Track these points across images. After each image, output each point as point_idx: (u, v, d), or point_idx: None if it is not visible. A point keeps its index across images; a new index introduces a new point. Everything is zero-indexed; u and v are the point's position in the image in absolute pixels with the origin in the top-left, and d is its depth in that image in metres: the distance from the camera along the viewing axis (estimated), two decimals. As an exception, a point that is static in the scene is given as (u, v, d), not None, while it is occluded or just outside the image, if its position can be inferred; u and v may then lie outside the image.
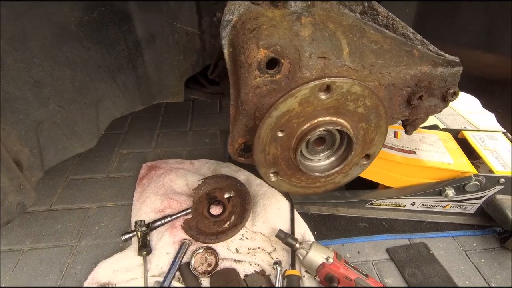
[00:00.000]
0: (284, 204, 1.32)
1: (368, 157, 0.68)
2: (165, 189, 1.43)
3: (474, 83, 1.12)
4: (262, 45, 0.57)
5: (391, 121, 0.72)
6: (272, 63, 0.61)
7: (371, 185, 1.41)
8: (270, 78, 0.61)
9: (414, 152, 1.33)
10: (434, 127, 1.58)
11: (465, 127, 1.94)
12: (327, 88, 0.57)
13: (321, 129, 0.56)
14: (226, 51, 0.68)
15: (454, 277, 1.19)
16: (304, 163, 0.63)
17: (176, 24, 1.03)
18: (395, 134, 1.39)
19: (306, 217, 1.39)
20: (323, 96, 0.57)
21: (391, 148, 1.32)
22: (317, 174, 0.61)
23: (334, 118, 0.57)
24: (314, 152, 0.62)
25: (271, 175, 0.68)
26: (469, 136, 1.45)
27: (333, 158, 0.62)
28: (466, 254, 1.28)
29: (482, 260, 1.26)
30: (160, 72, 1.12)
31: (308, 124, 0.57)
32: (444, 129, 1.55)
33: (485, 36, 0.89)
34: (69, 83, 0.90)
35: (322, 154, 0.63)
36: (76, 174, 1.66)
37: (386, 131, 0.61)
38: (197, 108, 2.27)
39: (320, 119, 0.57)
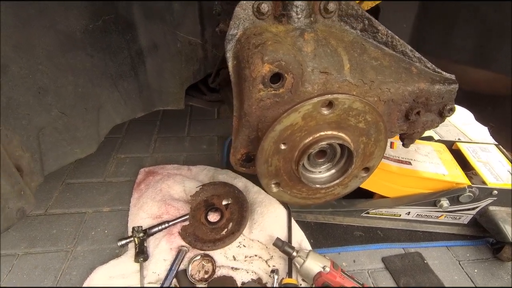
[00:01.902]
0: (282, 212, 1.33)
1: (367, 169, 0.70)
2: (163, 195, 1.43)
3: (467, 97, 1.16)
4: (267, 60, 0.59)
5: (390, 135, 0.74)
6: (276, 77, 0.62)
7: (367, 195, 1.43)
8: (273, 92, 0.63)
9: (409, 163, 1.36)
10: (429, 138, 1.61)
11: (459, 139, 1.98)
12: (330, 104, 0.59)
13: (323, 143, 0.57)
14: (230, 64, 0.69)
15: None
16: (305, 175, 0.64)
17: (179, 33, 1.04)
18: (392, 145, 1.42)
19: (303, 225, 1.40)
20: (325, 111, 0.59)
21: (387, 158, 1.34)
22: (317, 186, 0.63)
23: (335, 133, 0.59)
24: (315, 164, 0.64)
25: (273, 186, 0.69)
26: (463, 148, 1.49)
27: (333, 171, 0.64)
28: (460, 264, 1.30)
29: (476, 270, 1.28)
30: (161, 80, 1.13)
31: (311, 138, 0.58)
32: (439, 141, 1.58)
33: (477, 54, 0.92)
34: (72, 89, 0.91)
35: (323, 167, 0.65)
36: (73, 178, 1.66)
37: (385, 145, 0.63)
38: (195, 114, 2.28)
39: (322, 133, 0.58)
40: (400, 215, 1.40)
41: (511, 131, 1.03)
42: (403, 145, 0.80)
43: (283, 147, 0.61)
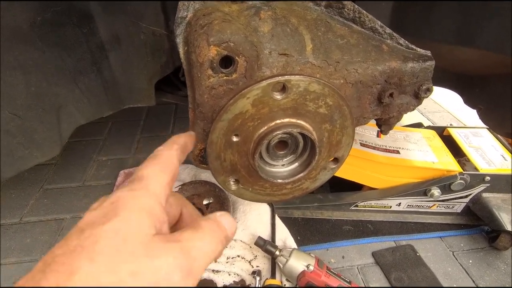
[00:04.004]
0: (265, 209, 1.27)
1: (336, 160, 0.63)
2: (142, 197, 1.36)
3: (455, 80, 1.09)
4: (212, 42, 0.52)
5: (363, 121, 0.67)
6: (227, 62, 0.56)
7: (356, 187, 1.37)
8: (225, 77, 0.56)
9: (397, 152, 1.29)
10: (418, 125, 1.54)
11: (451, 124, 1.91)
12: (283, 88, 0.52)
13: (279, 132, 0.51)
14: (181, 50, 0.63)
15: (441, 279, 1.15)
16: (264, 169, 0.58)
17: (141, 24, 0.97)
18: (378, 134, 1.35)
19: (290, 221, 1.34)
20: (278, 96, 0.52)
21: (374, 148, 1.28)
22: (279, 180, 0.56)
23: (293, 120, 0.52)
24: (277, 157, 0.57)
25: (231, 183, 0.63)
26: (454, 133, 1.42)
27: (296, 164, 0.57)
28: (454, 255, 1.25)
29: (470, 261, 1.23)
30: (128, 75, 1.06)
31: (265, 127, 0.52)
32: (429, 127, 1.51)
33: (461, 31, 0.86)
34: (23, 88, 0.84)
35: (286, 159, 0.58)
36: (51, 184, 1.59)
37: (353, 132, 0.57)
38: (180, 112, 2.21)
39: (278, 121, 0.52)
40: (390, 206, 1.34)
41: (500, 113, 0.97)
42: (382, 132, 0.73)
43: (235, 139, 0.54)
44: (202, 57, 0.53)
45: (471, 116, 2.08)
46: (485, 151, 1.29)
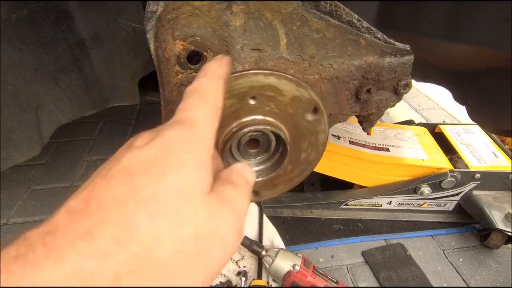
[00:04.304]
0: (253, 208, 1.26)
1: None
2: (129, 197, 1.35)
3: (444, 75, 1.07)
4: (177, 36, 0.50)
5: (341, 118, 0.65)
6: (196, 57, 0.54)
7: (347, 185, 1.35)
8: (194, 74, 0.54)
9: (387, 149, 1.27)
10: (410, 122, 1.52)
11: (443, 121, 1.89)
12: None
13: (247, 129, 0.49)
14: (152, 46, 0.60)
15: (431, 278, 1.13)
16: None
17: (121, 20, 0.95)
18: (369, 132, 1.33)
19: (279, 221, 1.32)
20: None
21: (363, 146, 1.26)
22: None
23: (262, 117, 0.50)
24: (248, 155, 0.56)
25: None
26: (446, 130, 1.40)
27: (269, 163, 0.56)
28: (444, 254, 1.23)
29: (461, 260, 1.21)
30: (110, 73, 1.04)
31: (235, 124, 0.50)
32: (420, 124, 1.49)
33: (449, 25, 0.83)
34: (-2, 87, 0.82)
35: (257, 158, 0.56)
36: (40, 184, 1.58)
37: (327, 131, 0.55)
38: (172, 111, 2.19)
39: (248, 118, 0.50)
40: (381, 205, 1.32)
41: (489, 109, 0.95)
42: (363, 129, 0.72)
43: None
44: (168, 52, 0.51)
45: (465, 112, 2.06)
46: (476, 148, 1.27)
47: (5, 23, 0.79)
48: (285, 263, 1.00)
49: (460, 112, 2.11)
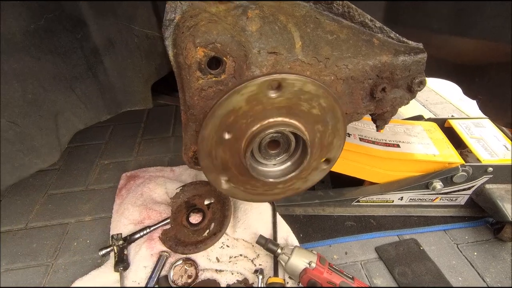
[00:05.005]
0: (266, 207, 1.27)
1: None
2: (144, 199, 1.37)
3: (453, 70, 1.08)
4: (199, 43, 0.52)
5: (356, 117, 0.66)
6: (215, 62, 0.56)
7: (357, 182, 1.36)
8: (214, 78, 0.56)
9: (398, 145, 1.28)
10: (419, 118, 1.52)
11: (452, 116, 1.89)
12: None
13: (271, 130, 0.51)
14: (170, 53, 0.63)
15: (445, 273, 1.14)
16: (256, 168, 0.58)
17: (134, 27, 0.97)
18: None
19: (292, 219, 1.34)
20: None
21: (374, 142, 1.27)
22: (271, 180, 0.56)
23: (286, 119, 0.52)
24: (269, 156, 0.57)
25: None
26: (455, 125, 1.40)
27: (288, 163, 0.57)
28: (458, 248, 1.23)
29: (475, 253, 1.21)
30: (123, 79, 1.06)
31: (258, 125, 0.52)
32: (429, 119, 1.50)
33: (456, 20, 0.84)
34: (20, 96, 0.85)
35: (278, 158, 0.58)
36: (55, 189, 1.61)
37: (345, 134, 0.56)
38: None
39: (271, 119, 0.52)
40: (392, 201, 1.33)
41: (500, 102, 0.95)
42: (377, 127, 0.73)
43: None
44: (189, 59, 0.53)
45: (473, 106, 2.05)
46: (487, 141, 1.27)
47: (25, 34, 0.82)
48: (301, 260, 1.02)
49: (468, 106, 2.10)
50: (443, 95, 2.27)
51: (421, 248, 1.23)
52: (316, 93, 0.53)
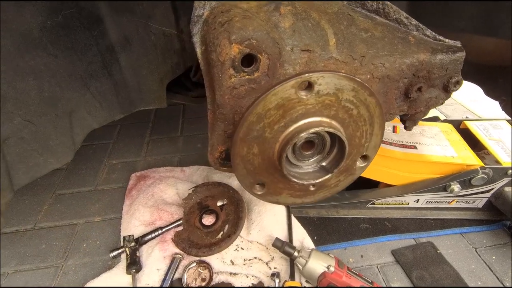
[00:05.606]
0: (281, 209, 1.25)
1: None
2: (155, 200, 1.35)
3: (476, 70, 1.05)
4: (234, 40, 0.50)
5: (388, 118, 0.64)
6: (248, 60, 0.53)
7: (372, 184, 1.34)
8: (247, 77, 0.54)
9: (414, 147, 1.26)
10: (435, 119, 1.50)
11: (466, 117, 1.87)
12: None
13: (306, 132, 0.48)
14: (198, 50, 0.60)
15: (464, 277, 1.12)
16: (291, 171, 0.56)
17: (151, 25, 0.95)
18: (394, 129, 1.32)
19: (305, 221, 1.31)
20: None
21: (390, 144, 1.25)
22: (305, 181, 0.54)
23: (321, 119, 0.49)
24: (303, 157, 0.55)
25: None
26: (472, 126, 1.38)
27: (324, 163, 0.55)
28: (476, 252, 1.21)
29: (494, 257, 1.19)
30: (138, 77, 1.04)
31: (292, 128, 0.49)
32: (445, 121, 1.47)
33: (483, 19, 0.82)
34: (36, 94, 0.82)
35: (312, 160, 0.56)
36: (64, 189, 1.59)
37: (383, 129, 0.54)
38: (188, 112, 2.19)
39: (305, 120, 0.50)
40: (408, 203, 1.30)
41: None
42: (405, 128, 0.71)
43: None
44: (223, 56, 0.51)
45: (487, 108, 2.03)
46: (506, 143, 1.25)
47: (42, 30, 0.80)
48: (319, 264, 1.00)
49: (480, 107, 2.08)
50: (453, 96, 2.25)
51: (438, 251, 1.21)
52: (352, 89, 0.51)
